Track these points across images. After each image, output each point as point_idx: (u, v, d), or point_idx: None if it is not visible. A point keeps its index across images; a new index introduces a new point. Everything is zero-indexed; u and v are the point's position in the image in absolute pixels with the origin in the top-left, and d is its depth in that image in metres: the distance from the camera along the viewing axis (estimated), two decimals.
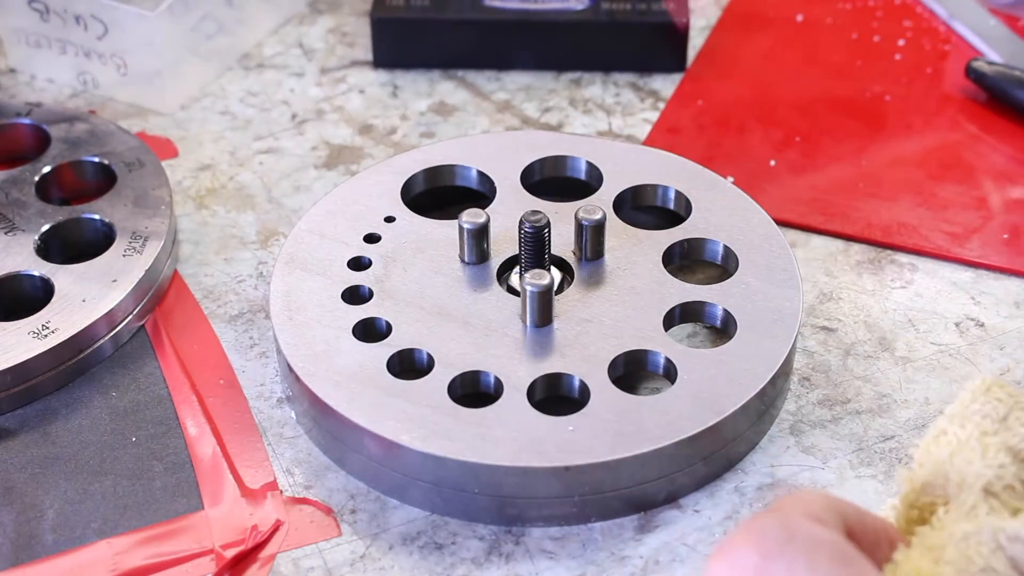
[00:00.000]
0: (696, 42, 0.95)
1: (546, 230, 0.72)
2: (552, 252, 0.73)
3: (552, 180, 0.81)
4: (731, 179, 0.81)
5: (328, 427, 0.69)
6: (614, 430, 0.66)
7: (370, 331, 0.72)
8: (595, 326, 0.71)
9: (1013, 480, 0.53)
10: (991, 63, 0.89)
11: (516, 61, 0.93)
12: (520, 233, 0.72)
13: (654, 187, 0.79)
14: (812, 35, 0.96)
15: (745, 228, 0.76)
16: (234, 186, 0.85)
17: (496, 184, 0.79)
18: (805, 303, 0.76)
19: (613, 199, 0.78)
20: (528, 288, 0.70)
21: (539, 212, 0.71)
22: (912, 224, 0.82)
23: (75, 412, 0.73)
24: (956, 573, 0.50)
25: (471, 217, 0.74)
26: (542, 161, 0.80)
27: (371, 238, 0.76)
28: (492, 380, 0.69)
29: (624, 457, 0.65)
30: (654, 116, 0.90)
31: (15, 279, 0.76)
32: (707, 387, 0.68)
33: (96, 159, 0.82)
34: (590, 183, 0.80)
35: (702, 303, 0.72)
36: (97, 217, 0.79)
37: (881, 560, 0.52)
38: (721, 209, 0.77)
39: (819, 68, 0.93)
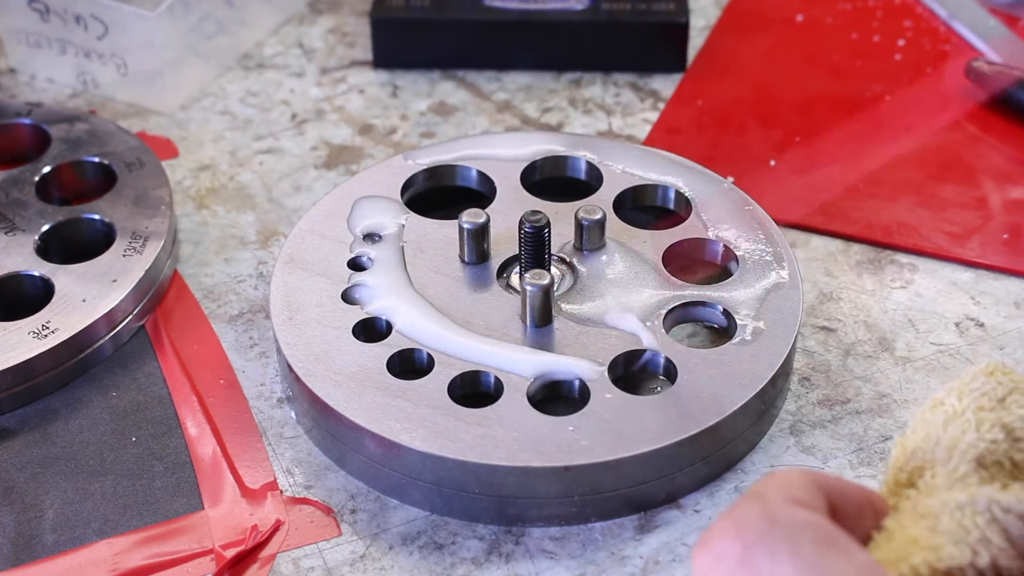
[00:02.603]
0: (696, 42, 0.95)
1: (546, 230, 0.72)
2: (552, 252, 0.73)
3: (552, 180, 0.81)
4: (731, 179, 0.81)
5: (328, 427, 0.69)
6: (614, 430, 0.66)
7: (370, 331, 0.72)
8: (595, 326, 0.71)
9: (1003, 457, 0.54)
10: (991, 63, 0.89)
11: (516, 61, 0.93)
12: (520, 233, 0.72)
13: (654, 187, 0.79)
14: (812, 35, 0.96)
15: (745, 228, 0.76)
16: (234, 186, 0.85)
17: (496, 184, 0.79)
18: (805, 303, 0.76)
19: (613, 199, 0.78)
20: (528, 288, 0.70)
21: (539, 212, 0.71)
22: (912, 224, 0.82)
23: (75, 412, 0.73)
24: (952, 543, 0.50)
25: (471, 217, 0.74)
26: (542, 161, 0.80)
27: (371, 238, 0.76)
28: (492, 380, 0.69)
29: (624, 457, 0.65)
30: (654, 116, 0.90)
31: (15, 279, 0.76)
32: (707, 387, 0.68)
33: (96, 159, 0.82)
34: (590, 183, 0.80)
35: (702, 303, 0.72)
36: (97, 217, 0.79)
37: (867, 528, 0.52)
38: (721, 209, 0.77)
39: (819, 68, 0.93)
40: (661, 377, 0.71)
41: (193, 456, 0.70)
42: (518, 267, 0.74)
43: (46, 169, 0.82)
